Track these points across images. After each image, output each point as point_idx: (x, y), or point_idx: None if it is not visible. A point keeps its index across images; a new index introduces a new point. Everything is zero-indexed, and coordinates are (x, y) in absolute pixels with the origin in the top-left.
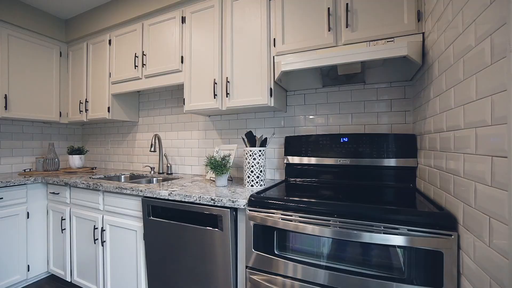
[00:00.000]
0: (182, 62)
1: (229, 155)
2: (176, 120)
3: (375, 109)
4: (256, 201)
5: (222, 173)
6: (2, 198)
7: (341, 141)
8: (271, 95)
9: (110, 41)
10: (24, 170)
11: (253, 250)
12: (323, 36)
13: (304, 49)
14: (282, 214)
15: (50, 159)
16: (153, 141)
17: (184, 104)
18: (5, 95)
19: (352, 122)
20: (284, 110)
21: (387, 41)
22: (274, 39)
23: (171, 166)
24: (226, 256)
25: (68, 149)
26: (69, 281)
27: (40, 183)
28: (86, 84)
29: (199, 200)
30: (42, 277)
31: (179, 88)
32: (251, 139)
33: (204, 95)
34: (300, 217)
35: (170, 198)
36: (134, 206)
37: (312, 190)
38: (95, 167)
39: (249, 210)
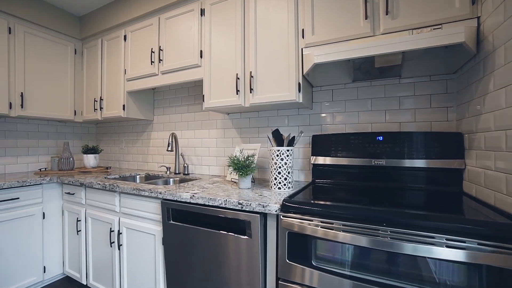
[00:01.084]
0: (201, 56)
1: (253, 155)
2: (192, 118)
3: (412, 105)
4: (291, 206)
5: (247, 174)
6: (18, 198)
7: (376, 140)
8: (299, 91)
9: (125, 36)
10: (40, 169)
11: (287, 260)
12: (358, 25)
13: (337, 40)
14: (322, 222)
15: (65, 158)
16: (170, 140)
17: (203, 101)
18: (21, 93)
19: (386, 120)
20: (310, 107)
21: (433, 29)
22: (303, 29)
23: (188, 166)
24: (254, 265)
25: (82, 148)
26: (85, 284)
27: (56, 183)
28: (101, 82)
29: (225, 204)
30: (57, 279)
31: (196, 84)
32: (278, 138)
33: (226, 91)
34: (343, 225)
35: (192, 201)
36: (152, 209)
37: (347, 194)
38: (110, 167)
39: (283, 217)
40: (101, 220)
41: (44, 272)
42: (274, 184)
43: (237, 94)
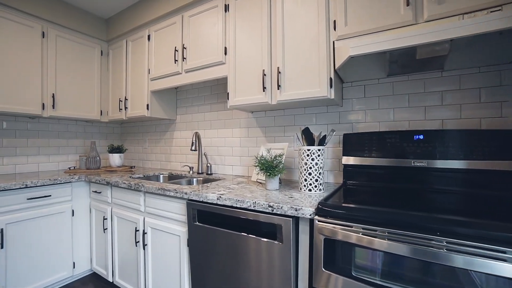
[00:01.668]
0: (225, 53)
1: (281, 155)
2: (215, 117)
3: (457, 100)
4: (328, 210)
5: (275, 175)
6: (50, 195)
7: (415, 139)
8: (331, 86)
9: (149, 36)
10: (69, 168)
11: (322, 269)
12: (398, 13)
13: (373, 30)
14: (363, 228)
15: (92, 157)
16: (193, 139)
17: (228, 99)
18: (53, 94)
19: (426, 117)
20: (340, 104)
21: (491, 11)
22: (335, 21)
23: (211, 166)
24: (285, 272)
25: (108, 148)
26: (111, 281)
27: (84, 181)
28: (126, 82)
29: (254, 206)
30: (86, 275)
31: (219, 83)
32: (308, 137)
33: (251, 89)
34: (388, 233)
35: (219, 203)
36: (177, 209)
37: (386, 198)
38: (134, 166)
39: (318, 221)
40: (127, 219)
41: (74, 267)
42: (304, 186)
43: (263, 91)
